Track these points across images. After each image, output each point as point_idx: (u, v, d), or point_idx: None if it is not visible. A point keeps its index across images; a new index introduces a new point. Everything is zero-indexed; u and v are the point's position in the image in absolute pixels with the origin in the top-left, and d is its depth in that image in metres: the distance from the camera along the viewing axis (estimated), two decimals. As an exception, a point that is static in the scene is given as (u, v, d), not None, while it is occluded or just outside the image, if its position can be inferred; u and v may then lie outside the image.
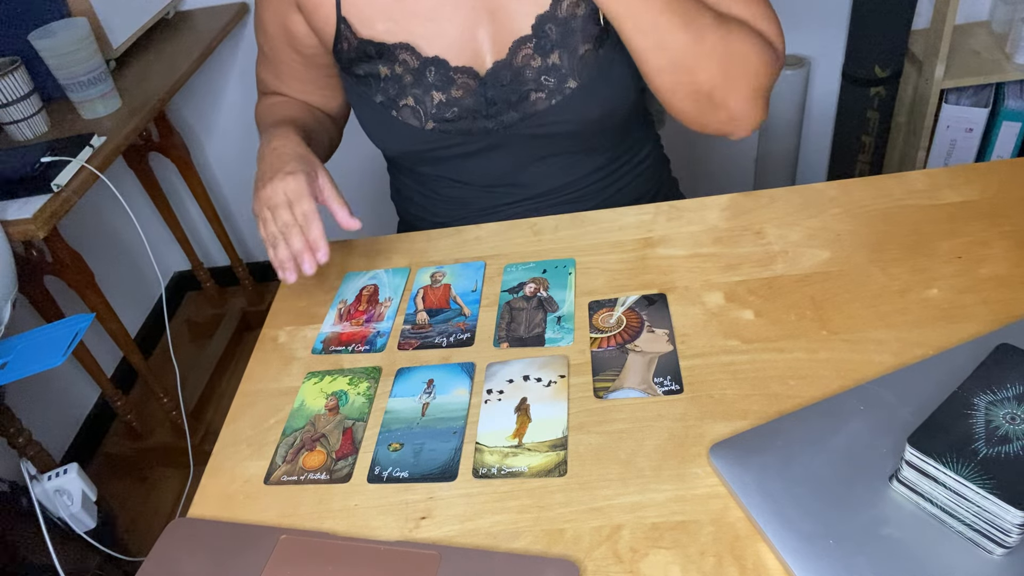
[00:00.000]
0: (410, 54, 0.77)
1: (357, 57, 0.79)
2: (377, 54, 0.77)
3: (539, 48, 0.76)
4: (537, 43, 0.76)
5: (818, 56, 1.77)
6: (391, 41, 0.77)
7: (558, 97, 0.77)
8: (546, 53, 0.76)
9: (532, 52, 0.76)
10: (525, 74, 0.77)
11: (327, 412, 0.66)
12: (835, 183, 0.78)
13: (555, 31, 0.75)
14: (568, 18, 0.75)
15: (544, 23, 0.75)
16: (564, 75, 0.77)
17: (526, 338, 0.68)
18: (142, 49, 1.57)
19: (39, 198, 1.13)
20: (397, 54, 0.77)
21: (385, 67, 0.78)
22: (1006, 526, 0.43)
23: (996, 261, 0.66)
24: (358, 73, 0.80)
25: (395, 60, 0.77)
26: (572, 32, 0.75)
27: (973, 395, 0.49)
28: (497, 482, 0.57)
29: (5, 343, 0.87)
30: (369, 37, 0.77)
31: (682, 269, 0.72)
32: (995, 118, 1.65)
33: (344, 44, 0.79)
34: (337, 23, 0.77)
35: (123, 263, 1.95)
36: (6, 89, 1.25)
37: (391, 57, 0.77)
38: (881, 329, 0.62)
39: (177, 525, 0.58)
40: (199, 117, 1.93)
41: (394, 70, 0.78)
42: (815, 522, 0.48)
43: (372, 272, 0.81)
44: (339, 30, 0.78)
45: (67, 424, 1.76)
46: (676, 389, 0.60)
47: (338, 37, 0.78)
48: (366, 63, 0.79)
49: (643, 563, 0.50)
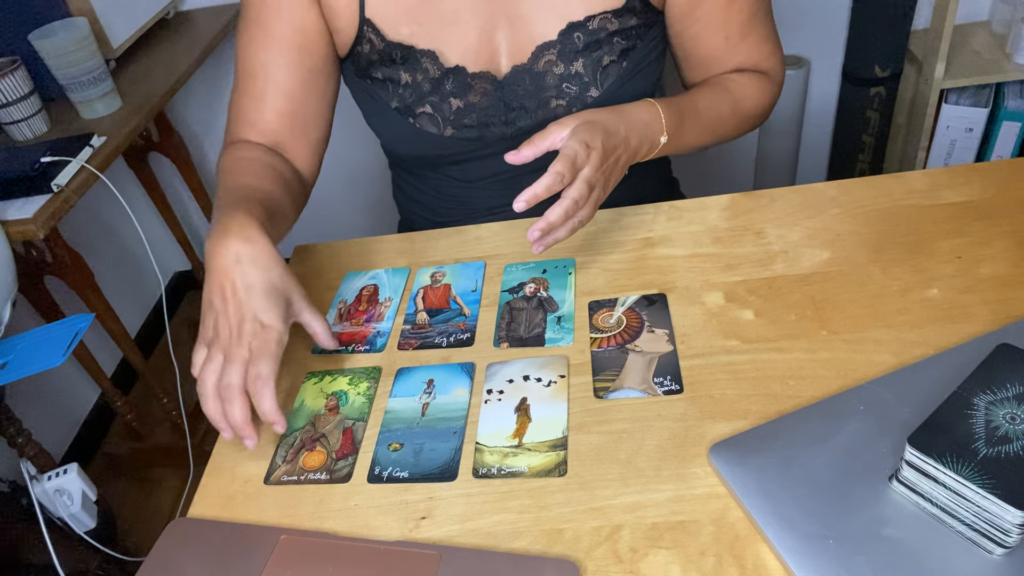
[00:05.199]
0: (431, 62, 0.76)
1: (379, 60, 0.77)
2: (402, 59, 0.77)
3: (562, 55, 0.76)
4: (561, 49, 0.75)
5: (818, 56, 1.77)
6: (418, 46, 0.76)
7: (578, 106, 0.77)
8: (569, 60, 0.76)
9: (555, 59, 0.76)
10: (546, 80, 0.77)
11: (327, 412, 0.66)
12: (835, 183, 0.78)
13: (582, 40, 0.75)
14: (598, 30, 0.75)
15: (573, 31, 0.75)
16: (587, 83, 0.77)
17: (526, 338, 0.68)
18: (142, 49, 1.57)
19: (39, 198, 1.14)
20: (421, 61, 0.76)
21: (407, 74, 0.77)
22: (1006, 526, 0.43)
23: (996, 261, 0.66)
24: (375, 76, 0.79)
25: (418, 67, 0.77)
26: (599, 44, 0.75)
27: (973, 395, 0.49)
28: (497, 482, 0.57)
29: (5, 343, 0.87)
30: (398, 40, 0.76)
31: (682, 269, 0.72)
32: (995, 118, 1.65)
33: (366, 46, 0.77)
34: (360, 24, 0.76)
35: (123, 263, 1.95)
36: (6, 89, 1.25)
37: (415, 64, 0.77)
38: (881, 329, 0.62)
39: (177, 525, 0.58)
40: (199, 117, 1.93)
41: (415, 78, 0.77)
42: (815, 522, 0.48)
43: (372, 272, 0.81)
44: (361, 31, 0.76)
45: (67, 424, 1.76)
46: (676, 389, 0.60)
47: (359, 39, 0.77)
48: (387, 67, 0.78)
49: (643, 563, 0.50)
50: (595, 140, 0.65)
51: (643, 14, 0.76)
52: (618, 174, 0.70)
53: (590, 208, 0.67)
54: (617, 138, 0.68)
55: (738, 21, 0.77)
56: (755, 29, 0.79)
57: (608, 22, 0.75)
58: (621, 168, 0.70)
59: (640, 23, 0.77)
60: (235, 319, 0.60)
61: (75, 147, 1.20)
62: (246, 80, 0.79)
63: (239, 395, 0.58)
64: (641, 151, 0.72)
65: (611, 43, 0.76)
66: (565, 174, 0.63)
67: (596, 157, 0.65)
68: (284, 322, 0.61)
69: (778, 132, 1.85)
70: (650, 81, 0.80)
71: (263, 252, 0.62)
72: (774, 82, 0.83)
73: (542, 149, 0.66)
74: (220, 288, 0.61)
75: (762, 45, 0.80)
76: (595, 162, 0.65)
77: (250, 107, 0.80)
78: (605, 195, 0.69)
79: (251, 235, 0.62)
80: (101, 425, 1.84)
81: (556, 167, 0.63)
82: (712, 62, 0.81)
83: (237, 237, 0.61)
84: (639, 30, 0.77)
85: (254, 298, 0.60)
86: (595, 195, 0.67)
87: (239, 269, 0.60)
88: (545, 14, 0.75)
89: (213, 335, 0.61)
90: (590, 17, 0.74)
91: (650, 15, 0.77)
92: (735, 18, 0.77)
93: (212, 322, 0.61)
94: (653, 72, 0.80)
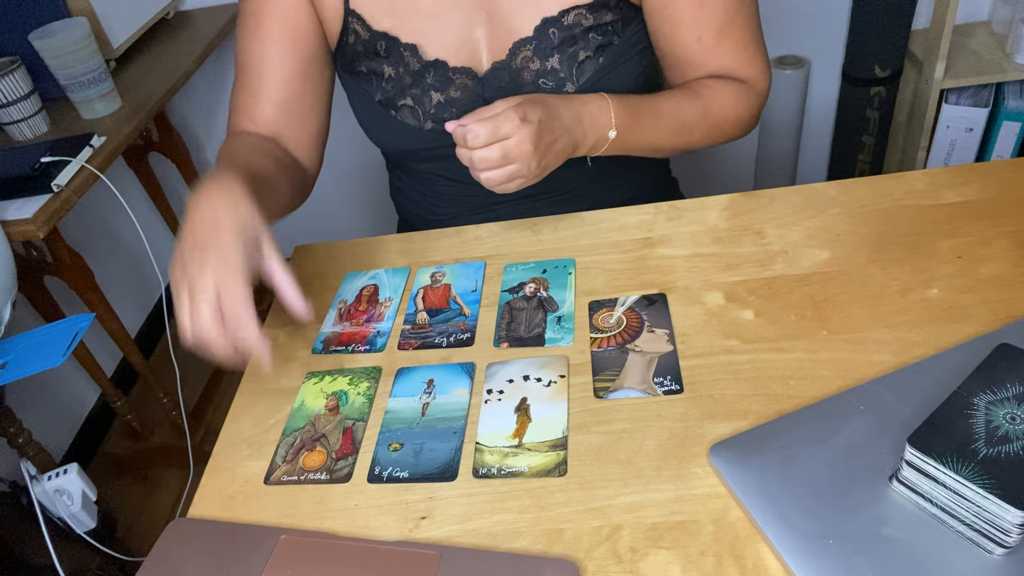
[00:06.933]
0: (412, 55, 0.77)
1: (364, 52, 0.78)
2: (386, 52, 0.77)
3: (538, 51, 0.76)
4: (537, 45, 0.76)
5: (818, 56, 1.77)
6: (402, 39, 0.77)
7: None
8: (545, 56, 0.76)
9: (531, 55, 0.76)
10: (523, 76, 0.77)
11: (327, 412, 0.66)
12: (835, 183, 0.78)
13: (557, 36, 0.75)
14: (573, 26, 0.75)
15: (548, 27, 0.75)
16: (562, 79, 0.77)
17: (526, 338, 0.68)
18: (142, 49, 1.57)
19: (39, 198, 1.13)
20: (403, 53, 0.77)
21: (390, 67, 0.78)
22: (1006, 526, 0.43)
23: (996, 261, 0.66)
24: (360, 70, 0.80)
25: (400, 60, 0.78)
26: (574, 39, 0.76)
27: (973, 395, 0.49)
28: (497, 482, 0.57)
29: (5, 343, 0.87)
30: (382, 30, 0.77)
31: (682, 269, 0.72)
32: (995, 118, 1.65)
33: (351, 38, 0.78)
34: (345, 16, 0.77)
35: (123, 263, 1.95)
36: (6, 89, 1.25)
37: (397, 57, 0.77)
38: (881, 329, 0.62)
39: (177, 525, 0.58)
40: (199, 117, 1.93)
41: (398, 71, 0.78)
42: (815, 522, 0.48)
43: (372, 272, 0.81)
44: (347, 23, 0.78)
45: (67, 424, 1.76)
46: (676, 389, 0.60)
47: (345, 30, 0.78)
48: (371, 60, 0.79)
49: (643, 563, 0.50)
50: (533, 115, 0.66)
51: (618, 9, 0.76)
52: (553, 158, 0.70)
53: (501, 175, 0.67)
54: (557, 121, 0.69)
55: (712, 23, 0.76)
56: (732, 34, 0.77)
57: (583, 17, 0.75)
58: (557, 153, 0.70)
59: (616, 18, 0.76)
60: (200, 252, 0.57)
61: (75, 147, 1.20)
62: (244, 74, 0.81)
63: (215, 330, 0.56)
64: (585, 143, 0.72)
65: (586, 39, 0.76)
66: (481, 134, 0.65)
67: (529, 131, 0.65)
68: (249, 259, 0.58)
69: (778, 132, 1.85)
70: (630, 78, 0.80)
71: (237, 195, 0.60)
72: (754, 92, 0.81)
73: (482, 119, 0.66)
74: (190, 227, 0.59)
75: (739, 51, 0.79)
76: (525, 135, 0.65)
77: (248, 99, 0.81)
78: (533, 175, 0.69)
79: (224, 180, 0.61)
80: (101, 425, 1.84)
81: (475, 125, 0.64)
82: (687, 64, 0.80)
83: (211, 184, 0.61)
84: (615, 26, 0.77)
85: (222, 232, 0.58)
86: (515, 168, 0.67)
87: (209, 204, 0.59)
88: (522, 10, 0.75)
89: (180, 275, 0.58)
90: (564, 12, 0.74)
91: (627, 11, 0.77)
92: (708, 20, 0.76)
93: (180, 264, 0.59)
94: (634, 69, 0.80)
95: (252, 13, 0.79)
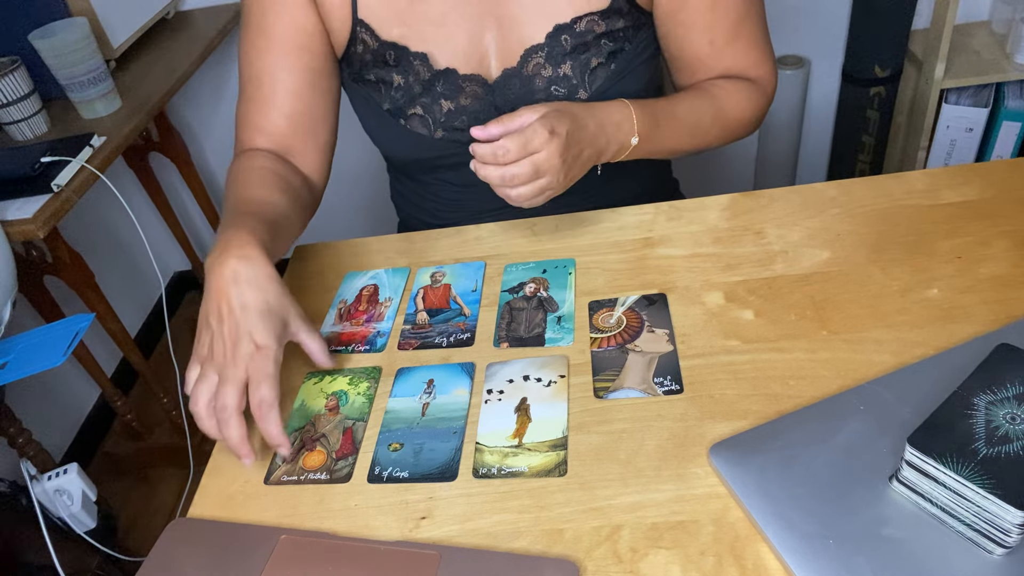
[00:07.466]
0: (422, 64, 0.77)
1: (373, 61, 0.78)
2: (395, 61, 0.77)
3: (550, 58, 0.76)
4: (549, 52, 0.76)
5: (818, 56, 1.77)
6: (411, 48, 0.76)
7: None
8: (557, 63, 0.76)
9: (543, 61, 0.76)
10: (535, 83, 0.77)
11: (327, 412, 0.66)
12: (835, 183, 0.78)
13: (569, 42, 0.75)
14: (585, 32, 0.75)
15: (560, 33, 0.75)
16: (575, 86, 0.77)
17: (526, 338, 0.68)
18: (142, 49, 1.57)
19: (39, 198, 1.13)
20: (413, 63, 0.77)
21: (399, 76, 0.77)
22: (1006, 526, 0.43)
23: (996, 261, 0.66)
24: (368, 79, 0.79)
25: (410, 69, 0.77)
26: (586, 46, 0.75)
27: (973, 395, 0.49)
28: (497, 482, 0.57)
29: (5, 343, 0.87)
30: (391, 40, 0.76)
31: (682, 269, 0.72)
32: (995, 118, 1.65)
33: (359, 47, 0.77)
34: (353, 25, 0.76)
35: (123, 263, 1.95)
36: (6, 89, 1.25)
37: (406, 65, 0.77)
38: (881, 329, 0.62)
39: (177, 525, 0.58)
40: (199, 117, 1.93)
41: (407, 79, 0.78)
42: (815, 522, 0.48)
43: (372, 272, 0.81)
44: (355, 32, 0.77)
45: (67, 424, 1.76)
46: (676, 389, 0.60)
47: (353, 39, 0.77)
48: (380, 68, 0.78)
49: (643, 563, 0.50)
50: (561, 127, 0.65)
51: (630, 15, 0.76)
52: (578, 169, 0.69)
53: (532, 190, 0.66)
54: (584, 132, 0.68)
55: (724, 26, 0.77)
56: (743, 35, 0.78)
57: (595, 24, 0.75)
58: (583, 164, 0.69)
59: (628, 25, 0.77)
60: (230, 339, 0.59)
61: (75, 147, 1.20)
62: (251, 86, 0.79)
63: (235, 416, 0.58)
64: (609, 150, 0.72)
65: (599, 45, 0.76)
66: (511, 150, 0.63)
67: (557, 144, 0.65)
68: (279, 342, 0.61)
69: (778, 132, 1.85)
70: (640, 83, 0.80)
71: (260, 271, 0.61)
72: (763, 92, 0.82)
73: (510, 129, 0.66)
74: (216, 307, 0.60)
75: (750, 52, 0.79)
76: (554, 148, 0.64)
77: (257, 112, 0.79)
78: (561, 187, 0.68)
79: (249, 253, 0.61)
80: (101, 425, 1.84)
81: (505, 141, 0.64)
82: (698, 66, 0.80)
83: (235, 256, 0.61)
84: (627, 32, 0.77)
85: (249, 317, 0.59)
86: (545, 181, 0.66)
87: (236, 289, 0.60)
88: (533, 16, 0.75)
89: (207, 353, 0.61)
90: (577, 19, 0.74)
91: (638, 16, 0.77)
92: (720, 22, 0.76)
93: (207, 340, 0.61)
94: (644, 74, 0.80)
95: (259, 26, 0.77)
